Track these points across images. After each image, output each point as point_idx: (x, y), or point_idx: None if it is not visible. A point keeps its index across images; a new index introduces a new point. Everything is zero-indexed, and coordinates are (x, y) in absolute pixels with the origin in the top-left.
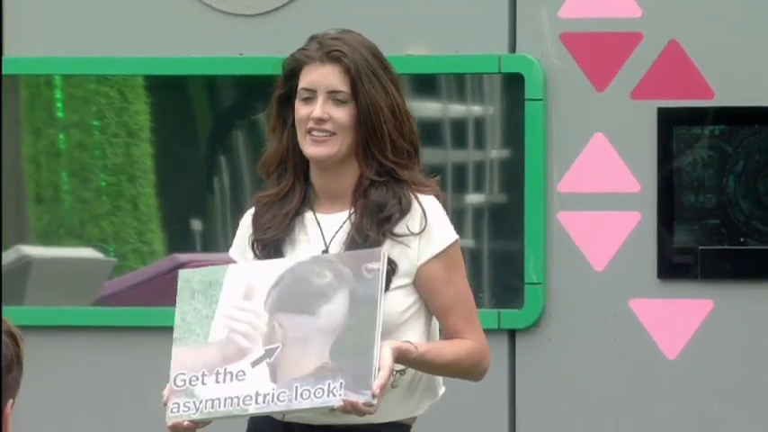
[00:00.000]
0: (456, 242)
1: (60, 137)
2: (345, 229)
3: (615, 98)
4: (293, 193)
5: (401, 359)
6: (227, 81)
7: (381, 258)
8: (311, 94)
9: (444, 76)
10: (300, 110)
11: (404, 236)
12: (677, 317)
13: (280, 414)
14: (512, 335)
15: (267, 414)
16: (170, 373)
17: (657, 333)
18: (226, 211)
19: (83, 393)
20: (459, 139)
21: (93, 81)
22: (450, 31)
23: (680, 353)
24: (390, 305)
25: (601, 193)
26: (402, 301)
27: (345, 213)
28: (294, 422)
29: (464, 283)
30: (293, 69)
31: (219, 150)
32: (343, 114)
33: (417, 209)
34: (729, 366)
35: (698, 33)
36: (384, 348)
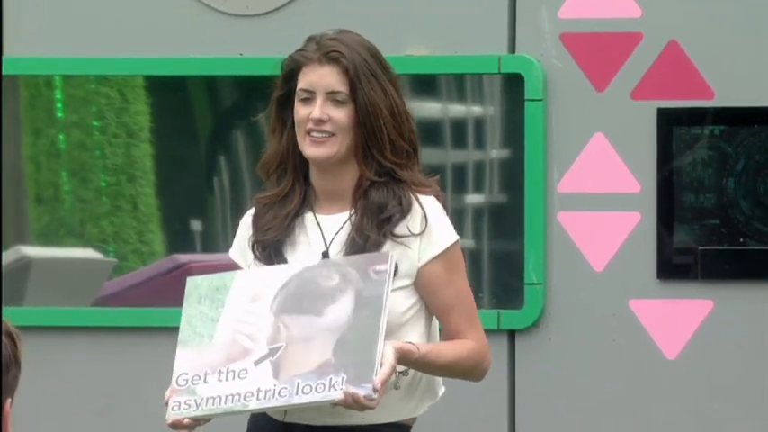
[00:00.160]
0: (456, 243)
1: (60, 137)
2: (346, 230)
3: (615, 98)
4: (293, 193)
5: (403, 360)
6: (227, 81)
7: (389, 260)
8: (310, 95)
9: (444, 77)
10: (300, 111)
11: (404, 237)
12: (677, 317)
13: (280, 414)
14: (511, 335)
15: (268, 410)
16: (173, 374)
17: (657, 333)
18: (226, 211)
19: (83, 393)
20: (459, 140)
21: (93, 81)
22: (450, 32)
23: (680, 353)
24: (391, 306)
25: (601, 194)
26: (403, 302)
27: (345, 214)
28: (294, 422)
29: (465, 283)
30: (292, 70)
31: (219, 151)
32: (342, 115)
33: (418, 210)
34: (729, 366)
35: (698, 33)
36: (387, 347)
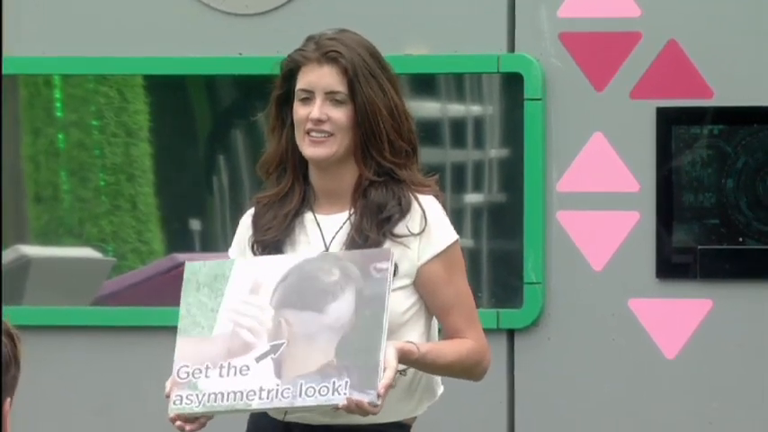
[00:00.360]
0: (456, 242)
1: (59, 136)
2: (345, 229)
3: (614, 98)
4: (293, 193)
5: (403, 359)
6: (226, 81)
7: (390, 258)
8: (309, 95)
9: (443, 76)
10: (299, 111)
11: (404, 236)
12: (676, 316)
13: (280, 414)
14: (511, 334)
15: (270, 410)
16: (173, 365)
17: (656, 333)
18: (225, 210)
19: (82, 393)
20: (459, 139)
21: (93, 81)
22: (450, 31)
23: (679, 352)
24: (391, 306)
25: (600, 193)
26: (403, 301)
27: (345, 214)
28: (294, 422)
29: (464, 282)
30: (291, 70)
31: (219, 150)
32: (341, 115)
33: (417, 209)
34: (729, 366)
35: (697, 33)
36: (389, 349)
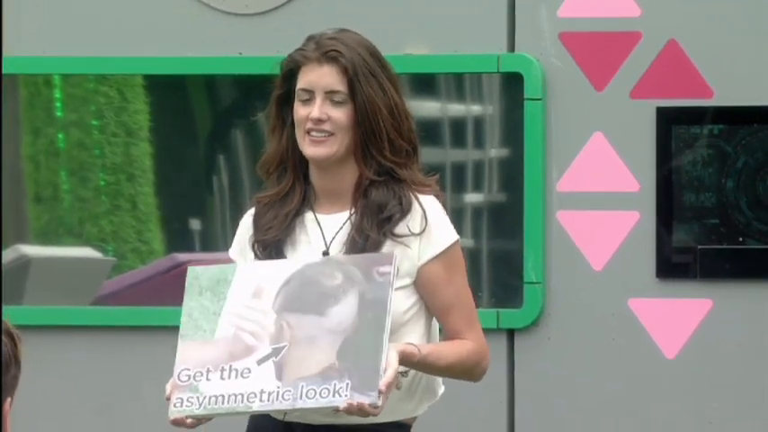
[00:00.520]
0: (456, 242)
1: (59, 136)
2: (346, 229)
3: (614, 97)
4: (293, 193)
5: (405, 361)
6: (226, 81)
7: (393, 262)
8: (309, 95)
9: (443, 76)
10: (299, 110)
11: (404, 236)
12: (676, 316)
13: (280, 414)
14: (511, 334)
15: (271, 412)
16: (174, 368)
17: (656, 332)
18: (225, 210)
19: (82, 392)
20: (459, 139)
21: (93, 80)
22: (450, 31)
23: (679, 352)
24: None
25: (600, 193)
26: (403, 302)
27: (345, 214)
28: (295, 422)
29: (464, 283)
30: (291, 70)
31: (219, 150)
32: (341, 114)
33: (418, 209)
34: (729, 366)
35: (697, 33)
36: (390, 351)
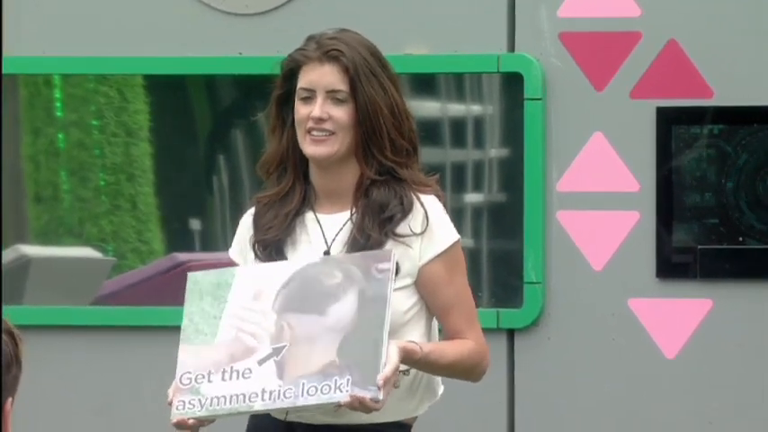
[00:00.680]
0: (457, 242)
1: (59, 136)
2: (347, 229)
3: (614, 97)
4: (293, 192)
5: (406, 359)
6: (226, 81)
7: (392, 258)
8: (310, 94)
9: (443, 76)
10: (300, 110)
11: (406, 236)
12: (676, 316)
13: (282, 413)
14: (511, 334)
15: (273, 410)
16: (176, 372)
17: (656, 332)
18: (225, 210)
19: (82, 392)
20: (459, 139)
21: (93, 80)
22: (450, 31)
23: (679, 352)
24: (393, 306)
25: (600, 193)
26: (404, 301)
27: (346, 213)
28: (296, 422)
29: (465, 283)
30: (292, 69)
31: (219, 150)
32: (342, 114)
33: (419, 209)
34: (729, 366)
35: (697, 33)
36: (391, 346)
